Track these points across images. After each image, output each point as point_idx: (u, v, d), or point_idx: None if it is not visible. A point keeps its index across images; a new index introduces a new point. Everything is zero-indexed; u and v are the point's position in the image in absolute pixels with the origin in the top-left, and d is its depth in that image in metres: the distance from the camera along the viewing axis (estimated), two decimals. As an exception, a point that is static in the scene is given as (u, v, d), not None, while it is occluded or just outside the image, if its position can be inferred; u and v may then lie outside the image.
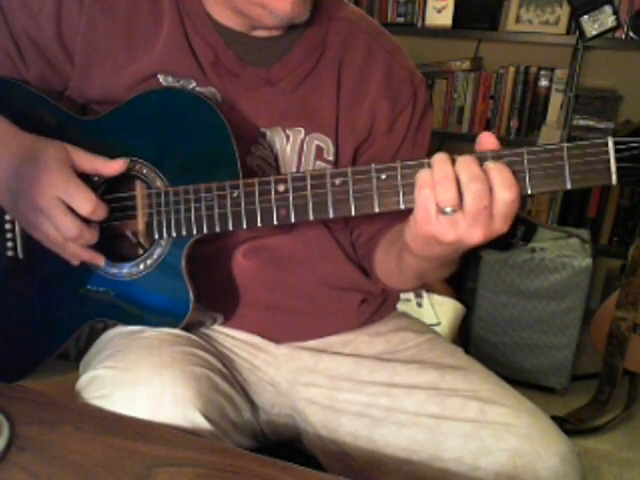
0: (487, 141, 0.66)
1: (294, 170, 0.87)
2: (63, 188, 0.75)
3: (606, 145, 0.61)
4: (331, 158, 0.88)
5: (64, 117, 0.85)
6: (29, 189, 0.76)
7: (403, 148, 0.91)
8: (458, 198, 0.63)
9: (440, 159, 0.64)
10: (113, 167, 0.79)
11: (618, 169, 0.61)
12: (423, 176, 0.65)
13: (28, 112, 0.86)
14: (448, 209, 0.64)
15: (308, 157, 0.87)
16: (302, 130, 0.86)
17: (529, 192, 0.64)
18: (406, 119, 0.91)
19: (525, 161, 0.63)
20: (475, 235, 0.65)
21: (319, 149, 0.87)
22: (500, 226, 0.65)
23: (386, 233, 0.90)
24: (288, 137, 0.86)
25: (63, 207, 0.75)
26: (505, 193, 0.62)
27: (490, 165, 0.63)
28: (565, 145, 0.62)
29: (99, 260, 0.81)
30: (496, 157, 0.64)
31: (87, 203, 0.75)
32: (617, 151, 0.61)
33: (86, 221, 0.77)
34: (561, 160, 0.62)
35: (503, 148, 0.66)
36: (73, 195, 0.75)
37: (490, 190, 0.63)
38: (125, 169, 0.79)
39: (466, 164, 0.63)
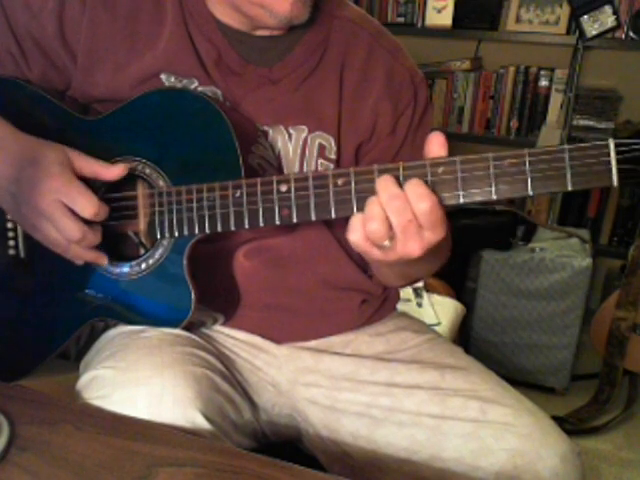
0: (435, 142, 0.66)
1: (296, 168, 0.87)
2: (65, 191, 0.75)
3: (607, 147, 0.61)
4: (333, 157, 0.88)
5: (66, 116, 0.85)
6: (31, 193, 0.76)
7: (404, 148, 0.91)
8: (388, 231, 0.65)
9: (370, 200, 0.66)
10: (113, 172, 0.78)
11: (619, 171, 0.61)
12: (354, 222, 0.67)
13: (31, 112, 0.86)
14: (386, 242, 0.66)
15: (311, 155, 0.87)
16: (305, 128, 0.86)
17: (530, 194, 0.64)
18: (407, 119, 0.91)
19: (526, 163, 0.64)
20: (412, 249, 0.66)
21: (322, 147, 0.87)
22: (432, 234, 0.66)
23: None
24: (291, 135, 0.86)
25: (65, 210, 0.75)
26: (421, 204, 0.64)
27: (406, 183, 0.65)
28: (566, 147, 0.62)
29: (103, 260, 0.81)
30: (498, 159, 0.64)
31: (89, 206, 0.75)
32: (618, 153, 0.61)
33: (88, 223, 0.77)
34: (562, 162, 0.62)
35: (503, 149, 0.66)
36: (75, 198, 0.75)
37: (409, 204, 0.64)
38: (125, 173, 0.79)
39: (384, 185, 0.65)
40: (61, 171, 0.76)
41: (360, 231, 0.66)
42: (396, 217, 0.65)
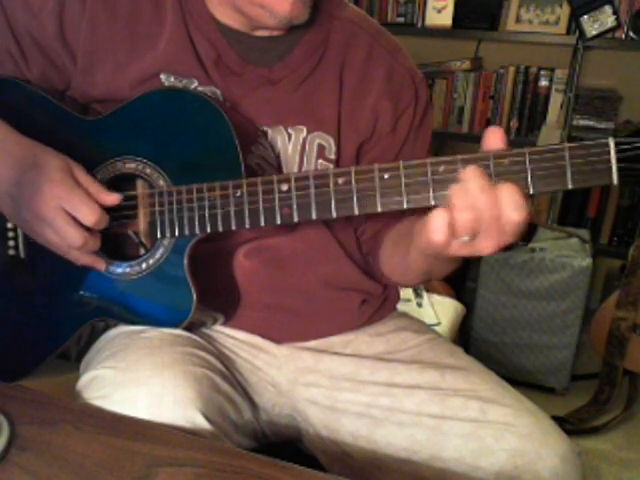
0: (494, 137, 0.65)
1: (296, 168, 0.87)
2: (67, 199, 0.75)
3: (607, 145, 0.61)
4: (333, 157, 0.88)
5: (66, 117, 0.85)
6: (32, 198, 0.76)
7: (405, 147, 0.92)
8: (476, 224, 0.63)
9: (460, 191, 0.63)
10: (108, 199, 0.78)
11: (619, 169, 0.61)
12: (437, 220, 0.64)
13: (31, 112, 0.86)
14: (465, 238, 0.64)
15: (310, 156, 0.87)
16: (304, 129, 0.86)
17: (531, 192, 0.64)
18: (408, 119, 0.91)
19: (527, 161, 0.64)
20: (487, 246, 0.64)
21: (321, 148, 0.87)
22: (510, 238, 0.64)
23: (392, 228, 0.90)
24: (290, 136, 0.86)
25: (67, 217, 0.75)
26: (514, 213, 0.62)
27: (501, 185, 0.63)
28: (567, 145, 0.62)
29: (100, 265, 0.82)
30: (498, 157, 0.64)
31: (91, 214, 0.76)
32: (618, 151, 0.61)
33: (88, 229, 0.77)
34: (563, 160, 0.62)
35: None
36: (77, 206, 0.75)
37: (499, 206, 0.62)
38: (117, 204, 0.79)
39: (474, 174, 0.63)
40: (63, 178, 0.76)
41: (445, 226, 0.63)
42: (487, 212, 0.62)
